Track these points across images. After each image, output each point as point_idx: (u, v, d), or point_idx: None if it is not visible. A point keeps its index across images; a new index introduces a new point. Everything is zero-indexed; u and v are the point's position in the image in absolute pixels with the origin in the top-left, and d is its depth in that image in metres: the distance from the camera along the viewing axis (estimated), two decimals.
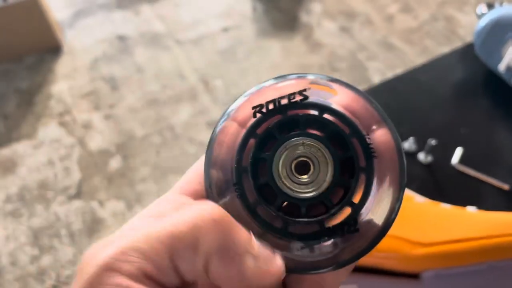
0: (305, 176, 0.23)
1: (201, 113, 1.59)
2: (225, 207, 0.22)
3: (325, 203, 0.23)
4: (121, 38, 1.85)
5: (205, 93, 1.64)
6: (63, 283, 1.26)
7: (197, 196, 0.23)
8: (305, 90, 0.23)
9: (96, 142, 1.54)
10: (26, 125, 1.60)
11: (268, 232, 0.22)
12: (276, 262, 0.21)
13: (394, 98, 0.67)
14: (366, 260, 0.45)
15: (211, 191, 0.23)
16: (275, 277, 0.21)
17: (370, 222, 0.22)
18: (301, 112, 0.23)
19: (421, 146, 0.60)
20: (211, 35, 1.82)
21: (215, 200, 0.23)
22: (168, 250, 0.19)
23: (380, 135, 0.23)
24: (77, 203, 1.41)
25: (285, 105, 0.23)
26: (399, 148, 0.23)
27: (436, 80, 0.68)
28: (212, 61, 1.74)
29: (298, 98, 0.23)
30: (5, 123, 1.61)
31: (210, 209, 0.21)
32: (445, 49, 1.40)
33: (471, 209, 0.47)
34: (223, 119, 0.23)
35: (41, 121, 1.61)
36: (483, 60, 0.68)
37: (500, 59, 0.66)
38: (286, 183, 0.23)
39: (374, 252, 0.23)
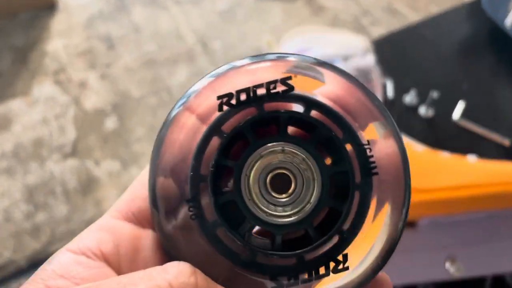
0: (283, 195, 0.17)
1: (198, 75, 1.56)
2: (176, 230, 0.17)
3: (308, 231, 0.17)
4: None
5: (203, 54, 1.61)
6: (58, 240, 1.26)
7: (142, 218, 0.19)
8: (289, 78, 0.17)
9: (91, 101, 1.52)
10: (20, 82, 1.57)
11: (232, 263, 0.17)
12: None
13: (398, 51, 0.65)
14: None
15: (156, 210, 0.17)
16: None
17: (362, 254, 0.17)
18: (282, 107, 0.17)
19: (422, 99, 0.59)
20: None
21: (163, 223, 0.17)
22: None
23: (383, 145, 0.17)
24: (72, 162, 1.40)
25: (261, 96, 0.17)
26: (405, 161, 0.17)
27: (440, 35, 0.66)
28: (211, 22, 1.70)
29: (279, 88, 0.17)
30: (0, 80, 1.58)
31: (184, 278, 0.16)
32: None
33: (471, 158, 0.47)
34: (178, 105, 0.18)
35: (36, 79, 1.58)
36: (489, 15, 0.66)
37: (506, 14, 0.64)
38: (257, 202, 0.17)
39: None
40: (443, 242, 0.44)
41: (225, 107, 0.17)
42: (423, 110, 0.58)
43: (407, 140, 0.50)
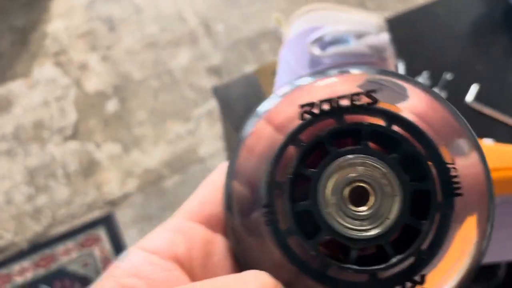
0: (362, 209, 0.17)
1: (201, 58, 1.54)
2: (248, 233, 0.17)
3: (384, 248, 0.16)
4: None
5: (206, 37, 1.59)
6: (59, 222, 1.25)
7: (214, 223, 0.19)
8: (374, 91, 0.17)
9: (92, 83, 1.50)
10: (21, 64, 1.55)
11: (302, 275, 0.17)
12: None
13: (410, 31, 0.63)
14: None
15: (231, 214, 0.18)
16: None
17: (440, 277, 0.16)
18: (364, 119, 0.17)
19: (435, 81, 0.58)
20: None
21: (236, 226, 0.17)
22: None
23: (468, 164, 0.17)
24: (73, 144, 1.38)
25: (344, 107, 0.17)
26: (489, 181, 0.17)
27: (453, 15, 0.65)
28: (214, 4, 1.67)
29: (364, 100, 0.17)
30: (0, 61, 1.56)
31: None
32: None
33: (487, 141, 0.45)
34: (254, 120, 0.18)
35: (36, 60, 1.56)
36: None
37: None
38: (334, 214, 0.17)
39: None
40: None
41: (306, 116, 0.17)
42: None
43: None
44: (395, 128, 0.17)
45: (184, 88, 1.48)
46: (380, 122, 0.17)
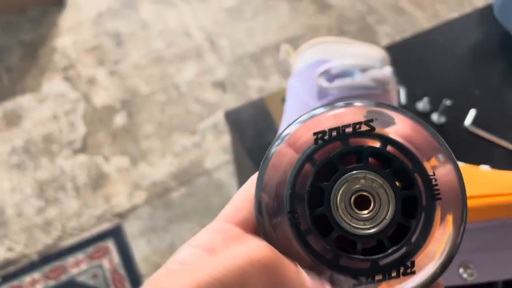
0: (365, 212, 0.22)
1: (206, 72, 1.58)
2: (276, 234, 0.22)
3: (383, 241, 0.21)
4: None
5: (211, 52, 1.62)
6: (68, 234, 1.28)
7: (246, 225, 0.23)
8: (372, 120, 0.22)
9: (101, 97, 1.53)
10: (30, 78, 1.59)
11: (319, 264, 0.22)
12: None
13: (410, 58, 0.66)
14: None
15: (261, 218, 0.22)
16: None
17: (426, 263, 0.21)
18: (364, 142, 0.22)
19: (435, 106, 0.61)
20: None
21: (266, 227, 0.22)
22: None
23: (444, 173, 0.21)
24: (82, 157, 1.41)
25: (348, 134, 0.21)
26: (462, 186, 0.21)
27: (452, 41, 0.68)
28: (218, 19, 1.71)
29: (364, 128, 0.22)
30: (9, 76, 1.60)
31: (260, 252, 0.20)
32: (456, 14, 1.39)
33: (484, 168, 0.48)
34: (277, 143, 0.22)
35: (45, 75, 1.59)
36: (501, 22, 0.67)
37: None
38: (343, 216, 0.21)
39: None
40: None
41: (319, 141, 0.22)
42: (435, 117, 0.60)
43: None
44: (389, 148, 0.21)
45: (190, 101, 1.51)
46: (377, 144, 0.22)
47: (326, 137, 0.22)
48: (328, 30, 1.64)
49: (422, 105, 0.61)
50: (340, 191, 0.22)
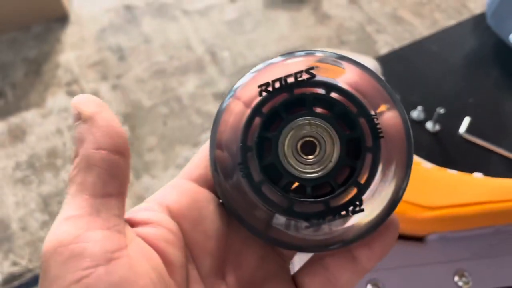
0: (311, 157, 0.22)
1: (208, 84, 1.59)
2: (232, 188, 0.22)
3: (331, 183, 0.22)
4: (128, 8, 1.83)
5: (212, 64, 1.64)
6: None
7: (204, 182, 0.24)
8: (312, 68, 0.22)
9: None
10: (34, 94, 1.61)
11: (274, 212, 0.22)
12: None
13: (404, 67, 0.67)
14: None
15: (217, 174, 0.23)
16: None
17: (375, 202, 0.22)
18: (308, 90, 0.22)
19: (429, 115, 0.61)
20: (219, 5, 1.81)
21: (222, 182, 0.23)
22: None
23: (389, 116, 0.22)
24: None
25: (291, 83, 0.22)
26: (407, 129, 0.22)
27: (446, 50, 0.68)
28: (219, 32, 1.72)
29: (305, 76, 0.22)
30: (14, 92, 1.62)
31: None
32: (454, 22, 1.39)
33: (477, 175, 0.48)
34: (228, 97, 0.23)
35: (49, 90, 1.61)
36: (494, 30, 0.67)
37: (511, 29, 0.65)
38: (291, 163, 0.22)
39: None
40: (451, 257, 0.46)
41: (263, 93, 0.22)
42: (430, 125, 0.60)
43: (416, 158, 0.52)
44: (334, 94, 0.22)
45: (192, 113, 1.52)
46: (322, 91, 0.22)
47: (270, 88, 0.22)
48: (327, 41, 1.66)
49: (417, 113, 0.61)
50: (287, 139, 0.22)
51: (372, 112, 0.22)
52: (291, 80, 0.22)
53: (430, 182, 0.47)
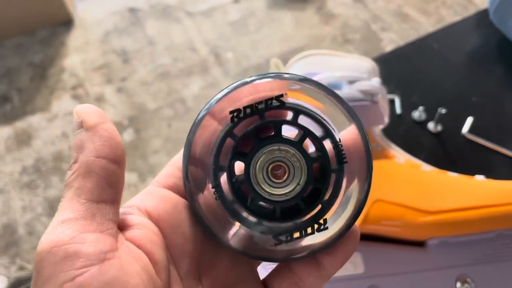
0: (280, 180, 0.24)
1: (212, 86, 1.58)
2: (202, 199, 0.24)
3: (298, 204, 0.24)
4: (132, 11, 1.83)
5: (216, 65, 1.63)
6: None
7: (176, 188, 0.25)
8: (281, 95, 0.23)
9: (109, 115, 1.55)
10: (40, 98, 1.62)
11: (243, 227, 0.24)
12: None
13: (405, 65, 0.65)
14: (371, 228, 0.45)
15: (188, 183, 0.24)
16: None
17: (339, 216, 0.24)
18: (277, 116, 0.24)
19: (431, 115, 0.60)
20: (222, 6, 1.80)
21: (193, 193, 0.24)
22: None
23: (349, 133, 0.23)
24: None
25: (262, 109, 0.23)
26: (367, 149, 0.23)
27: (448, 48, 0.67)
28: (223, 33, 1.72)
29: (275, 103, 0.23)
30: (20, 96, 1.63)
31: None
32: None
33: (479, 178, 0.47)
34: (203, 112, 0.24)
35: (54, 94, 1.62)
36: (497, 25, 0.66)
37: None
38: (262, 185, 0.24)
39: (379, 220, 0.23)
40: (453, 262, 0.45)
41: (235, 119, 0.23)
42: (431, 126, 0.59)
43: (415, 161, 0.51)
44: (302, 118, 0.23)
45: (196, 115, 1.52)
46: (290, 115, 0.24)
47: (241, 115, 0.23)
48: (332, 40, 1.64)
49: (418, 114, 0.60)
50: (258, 163, 0.24)
51: (337, 137, 0.23)
52: (261, 106, 0.23)
53: (430, 185, 0.45)
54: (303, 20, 1.72)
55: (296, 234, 0.24)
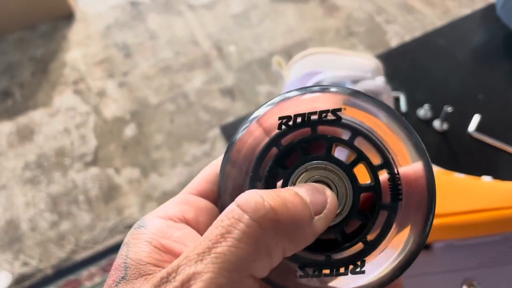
0: None
1: (214, 80, 1.57)
2: None
3: (336, 237, 0.21)
4: (133, 4, 1.82)
5: (219, 59, 1.62)
6: (81, 248, 1.29)
7: (210, 198, 0.23)
8: (339, 109, 0.21)
9: (110, 110, 1.54)
10: (41, 93, 1.61)
11: None
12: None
13: (411, 62, 0.64)
14: None
15: (223, 189, 0.22)
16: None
17: (382, 263, 0.20)
18: (330, 132, 0.21)
19: (436, 113, 0.58)
20: None
21: (226, 201, 0.22)
22: None
23: (413, 171, 0.20)
24: (93, 170, 1.42)
25: (314, 120, 0.21)
26: (431, 190, 0.20)
27: (454, 44, 0.65)
28: (225, 26, 1.70)
29: (330, 117, 0.21)
30: (21, 91, 1.62)
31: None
32: (467, 11, 1.34)
33: (486, 179, 0.46)
34: (248, 121, 0.22)
35: (56, 89, 1.61)
36: (504, 21, 0.64)
37: None
38: None
39: None
40: (459, 265, 0.44)
41: (283, 127, 0.21)
42: (437, 124, 0.58)
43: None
44: (358, 141, 0.21)
45: (199, 110, 1.51)
46: (345, 134, 0.21)
47: (291, 122, 0.21)
48: (336, 32, 1.62)
49: (423, 112, 0.59)
50: (299, 179, 0.21)
51: (396, 170, 0.20)
52: (314, 117, 0.21)
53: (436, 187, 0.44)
54: (307, 12, 1.70)
55: (326, 271, 0.20)
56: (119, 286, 0.19)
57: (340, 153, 0.22)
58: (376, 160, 0.21)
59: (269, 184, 0.21)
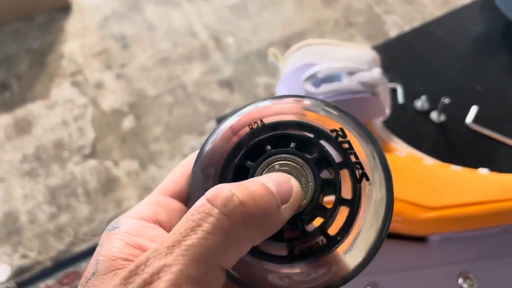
0: None
1: (212, 71, 1.56)
2: None
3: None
4: None
5: (217, 50, 1.61)
6: (80, 240, 1.29)
7: (182, 198, 0.24)
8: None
9: (108, 101, 1.54)
10: (39, 85, 1.60)
11: None
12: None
13: (408, 53, 0.63)
14: None
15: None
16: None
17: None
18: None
19: (434, 104, 0.58)
20: None
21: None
22: None
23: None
24: (92, 163, 1.42)
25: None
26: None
27: (453, 34, 0.65)
28: (223, 17, 1.69)
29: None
30: (19, 83, 1.61)
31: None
32: (466, 0, 1.33)
33: (483, 171, 0.45)
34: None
35: (54, 81, 1.61)
36: (503, 11, 0.64)
37: None
38: None
39: None
40: (455, 258, 0.44)
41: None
42: (434, 116, 0.57)
43: (418, 154, 0.49)
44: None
45: (197, 102, 1.50)
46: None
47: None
48: (335, 23, 1.61)
49: (421, 103, 0.58)
50: (264, 171, 0.22)
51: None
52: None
53: (432, 180, 0.44)
54: (305, 3, 1.69)
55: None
56: (89, 282, 0.19)
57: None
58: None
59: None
